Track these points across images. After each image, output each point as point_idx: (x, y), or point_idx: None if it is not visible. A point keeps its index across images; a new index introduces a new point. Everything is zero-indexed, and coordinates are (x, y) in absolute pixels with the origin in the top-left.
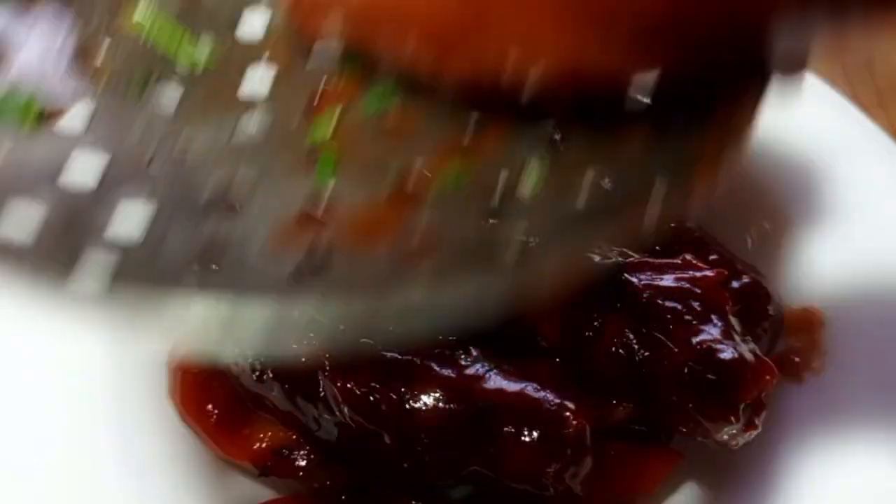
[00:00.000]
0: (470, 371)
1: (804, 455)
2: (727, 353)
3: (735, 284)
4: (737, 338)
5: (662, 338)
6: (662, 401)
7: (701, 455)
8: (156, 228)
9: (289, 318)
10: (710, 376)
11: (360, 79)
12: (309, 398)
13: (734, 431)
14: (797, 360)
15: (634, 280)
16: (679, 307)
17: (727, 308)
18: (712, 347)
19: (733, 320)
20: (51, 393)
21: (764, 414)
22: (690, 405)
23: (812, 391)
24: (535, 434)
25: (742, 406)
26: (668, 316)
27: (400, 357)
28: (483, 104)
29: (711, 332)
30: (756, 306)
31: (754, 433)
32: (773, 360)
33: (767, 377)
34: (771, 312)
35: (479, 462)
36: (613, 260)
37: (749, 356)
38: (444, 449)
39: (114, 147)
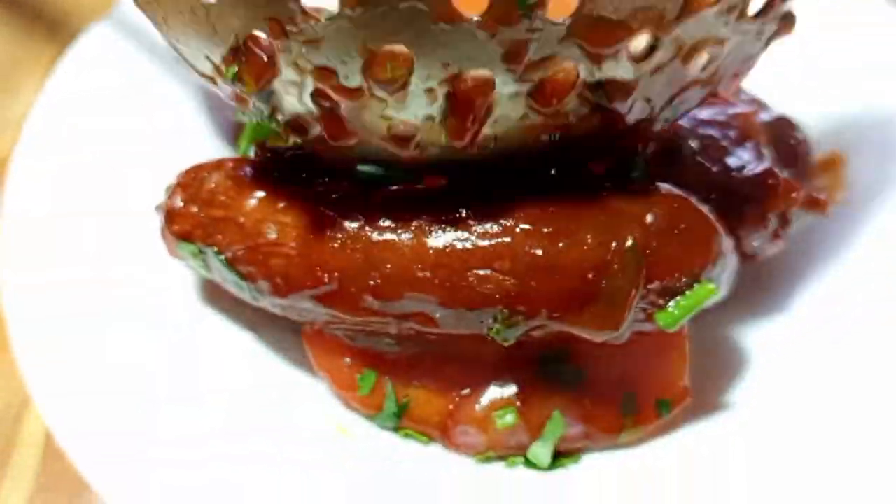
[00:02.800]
0: None
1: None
2: (760, 167)
3: (765, 117)
4: (768, 159)
5: (702, 160)
6: None
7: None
8: None
9: None
10: (744, 190)
11: None
12: None
13: (762, 240)
14: (822, 197)
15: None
16: (717, 135)
17: (759, 137)
18: (746, 163)
19: (765, 148)
20: None
21: (789, 229)
22: (727, 218)
23: (837, 224)
24: None
25: (771, 216)
26: (706, 142)
27: None
28: None
29: (745, 154)
30: (784, 137)
31: (780, 245)
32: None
33: (794, 194)
34: (793, 143)
35: None
36: None
37: (779, 173)
38: None
39: None
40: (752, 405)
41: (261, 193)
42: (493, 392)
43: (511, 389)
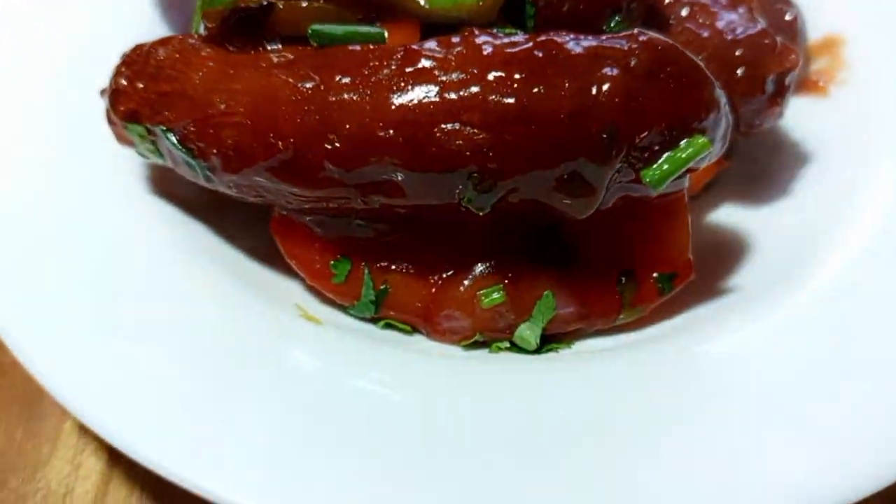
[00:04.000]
0: None
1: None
2: (753, 29)
3: None
4: (760, 23)
5: (690, 26)
6: None
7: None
8: None
9: None
10: (736, 52)
11: None
12: None
13: (758, 107)
14: (821, 81)
15: None
16: (706, 1)
17: (751, 3)
18: (738, 26)
19: (758, 15)
20: None
21: (787, 97)
22: (721, 82)
23: (836, 104)
24: None
25: (767, 80)
26: (696, 8)
27: None
28: None
29: (736, 17)
30: (775, 11)
31: (779, 112)
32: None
33: (792, 56)
34: (788, 18)
35: None
36: None
37: (773, 35)
38: None
39: None
40: (758, 290)
41: (210, 63)
42: (478, 271)
43: (497, 267)
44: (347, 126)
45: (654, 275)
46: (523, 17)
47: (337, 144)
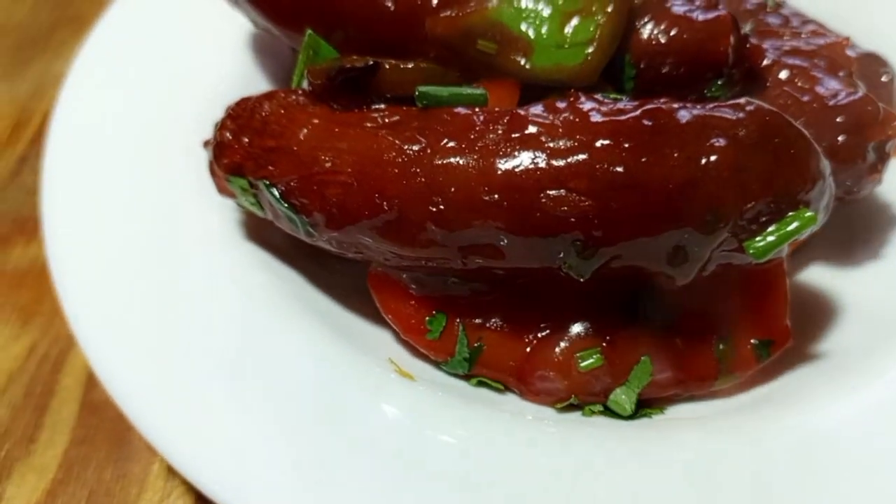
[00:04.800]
0: None
1: None
2: (856, 95)
3: (852, 53)
4: (861, 89)
5: (790, 90)
6: None
7: None
8: None
9: None
10: (838, 119)
11: None
12: None
13: (859, 174)
14: None
15: (764, 45)
16: (805, 65)
17: (851, 67)
18: (839, 92)
19: (857, 79)
20: None
21: (887, 164)
22: (822, 146)
23: None
24: None
25: (869, 147)
26: (795, 72)
27: None
28: None
29: (836, 83)
30: (872, 74)
31: (878, 180)
32: None
33: (894, 123)
34: (885, 80)
35: None
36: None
37: (876, 102)
38: None
39: None
40: (851, 357)
41: (315, 120)
42: (575, 332)
43: (595, 329)
44: (453, 189)
45: (752, 341)
46: (622, 79)
47: (441, 207)
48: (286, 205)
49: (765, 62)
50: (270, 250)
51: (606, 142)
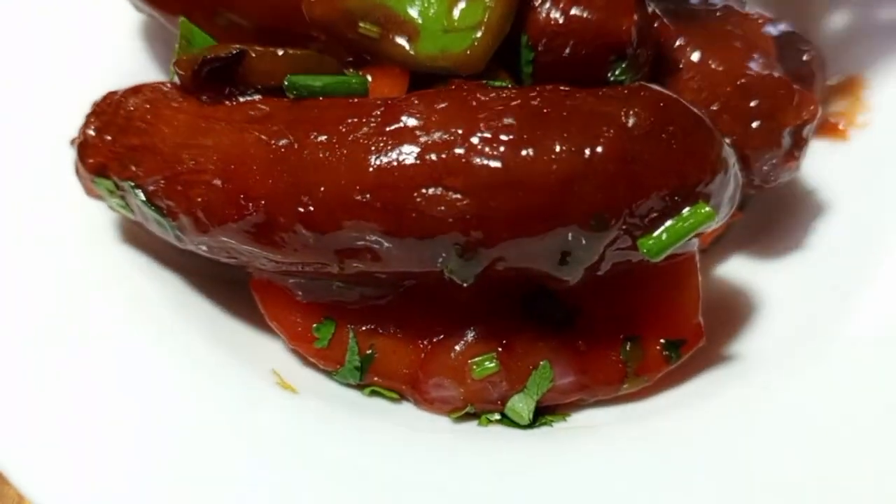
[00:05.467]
0: None
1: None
2: (770, 77)
3: (771, 30)
4: (779, 70)
5: (702, 73)
6: None
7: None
8: None
9: None
10: (752, 103)
11: None
12: None
13: (774, 162)
14: (841, 124)
15: (674, 24)
16: (719, 46)
17: (768, 47)
18: (754, 74)
19: (775, 58)
20: None
21: (805, 150)
22: (735, 135)
23: (856, 149)
24: None
25: (784, 133)
26: (708, 54)
27: None
28: None
29: (752, 64)
30: (793, 53)
31: (796, 167)
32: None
33: (811, 107)
34: (806, 59)
35: None
36: None
37: (791, 84)
38: None
39: None
40: (770, 354)
41: (181, 115)
42: (471, 336)
43: (491, 332)
44: (322, 189)
45: (662, 341)
46: (520, 64)
47: (311, 208)
48: (152, 207)
49: (676, 43)
50: (147, 252)
51: (485, 135)
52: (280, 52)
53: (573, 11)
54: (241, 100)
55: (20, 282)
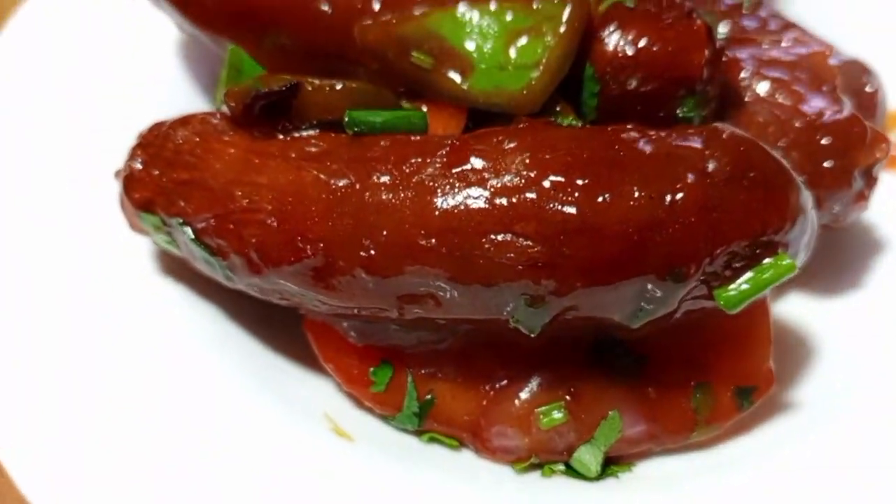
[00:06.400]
0: None
1: None
2: (842, 114)
3: (834, 62)
4: (847, 106)
5: (770, 107)
6: None
7: None
8: None
9: None
10: (823, 140)
11: None
12: None
13: (845, 201)
14: None
15: (741, 56)
16: (786, 78)
17: (835, 81)
18: (825, 110)
19: (842, 95)
20: None
21: (874, 189)
22: (805, 174)
23: None
24: None
25: (856, 172)
26: (775, 86)
27: None
28: None
29: (820, 100)
30: (856, 84)
31: (864, 206)
32: None
33: (883, 145)
34: (869, 90)
35: None
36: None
37: (863, 122)
38: None
39: None
40: (840, 400)
41: (232, 150)
42: (536, 383)
43: (558, 379)
44: (385, 232)
45: (733, 388)
46: (583, 96)
47: (372, 252)
48: (201, 246)
49: (741, 75)
50: (192, 287)
51: (558, 179)
52: (339, 86)
53: (643, 44)
54: (296, 134)
55: (62, 315)
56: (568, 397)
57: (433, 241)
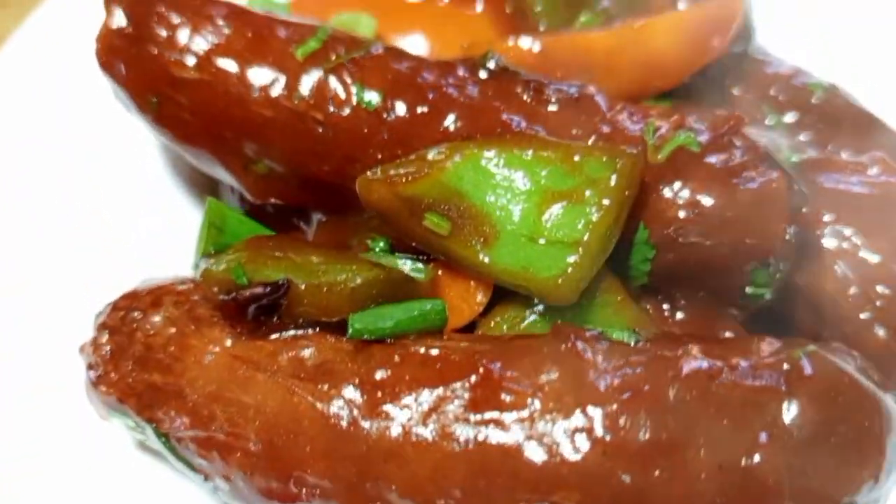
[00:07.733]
0: None
1: None
2: None
3: None
4: None
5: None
6: None
7: None
8: None
9: None
10: None
11: None
12: None
13: None
14: None
15: (827, 183)
16: (871, 224)
17: None
18: None
19: None
20: None
21: None
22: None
23: None
24: None
25: None
26: (855, 238)
27: None
28: None
29: None
30: None
31: None
32: None
33: None
34: None
35: None
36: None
37: None
38: None
39: None
40: None
41: (215, 349)
42: None
43: None
44: (394, 486)
45: None
46: (632, 261)
47: None
48: (181, 460)
49: (821, 218)
50: None
51: (608, 436)
52: (341, 277)
53: (712, 204)
54: (288, 334)
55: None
56: None
57: (455, 497)
